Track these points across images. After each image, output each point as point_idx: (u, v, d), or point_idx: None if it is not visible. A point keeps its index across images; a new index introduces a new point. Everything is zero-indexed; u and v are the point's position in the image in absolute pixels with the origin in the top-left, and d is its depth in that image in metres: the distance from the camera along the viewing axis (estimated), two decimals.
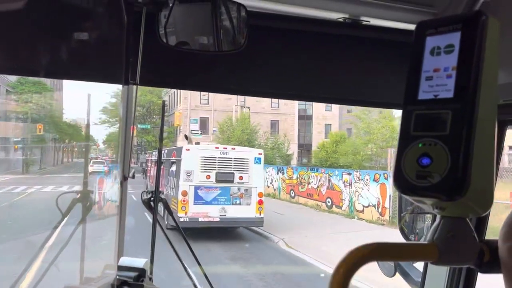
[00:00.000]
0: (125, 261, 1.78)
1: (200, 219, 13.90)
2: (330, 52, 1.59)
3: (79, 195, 2.44)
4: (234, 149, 15.15)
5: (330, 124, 40.16)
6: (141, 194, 2.32)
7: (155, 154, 22.06)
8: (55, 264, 2.18)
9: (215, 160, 14.27)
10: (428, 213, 1.40)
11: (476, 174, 0.63)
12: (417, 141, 0.67)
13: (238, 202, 14.37)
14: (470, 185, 0.62)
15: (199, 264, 2.33)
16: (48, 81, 33.22)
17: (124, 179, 1.87)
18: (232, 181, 14.29)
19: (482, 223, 1.75)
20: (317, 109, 37.74)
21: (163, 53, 1.42)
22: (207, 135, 42.36)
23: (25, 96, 26.95)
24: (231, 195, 14.32)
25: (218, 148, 14.82)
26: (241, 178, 14.38)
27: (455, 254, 0.69)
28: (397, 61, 1.21)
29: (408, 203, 2.05)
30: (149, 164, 23.04)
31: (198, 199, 14.04)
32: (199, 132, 36.42)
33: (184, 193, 13.89)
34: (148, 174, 22.86)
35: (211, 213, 14.07)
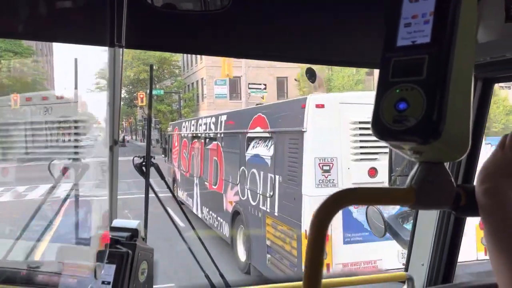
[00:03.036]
0: (118, 222, 1.77)
1: None
2: (317, 10, 1.49)
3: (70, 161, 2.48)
4: None
5: None
6: (133, 159, 2.39)
7: (184, 126, 13.50)
8: (51, 226, 2.29)
9: None
10: None
11: (452, 118, 0.63)
12: (395, 87, 0.67)
13: None
14: (445, 128, 0.63)
15: (193, 228, 2.61)
16: (33, 44, 25.37)
17: (114, 143, 1.91)
18: None
19: (470, 168, 1.85)
20: None
21: (149, 14, 1.39)
22: (239, 100, 33.14)
23: None
24: None
25: None
26: None
27: (432, 198, 0.71)
28: (378, 18, 1.03)
29: (398, 164, 2.11)
30: (175, 143, 14.61)
31: (352, 230, 5.66)
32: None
33: None
34: (175, 158, 14.57)
35: (383, 262, 5.73)
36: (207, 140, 10.64)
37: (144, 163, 2.37)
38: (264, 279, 6.89)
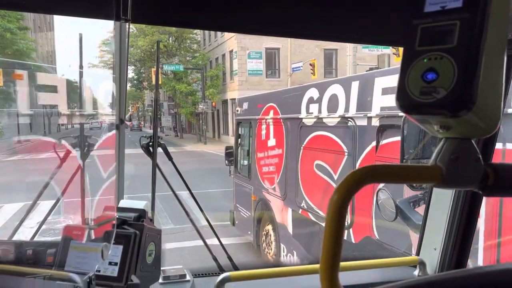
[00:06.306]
0: (125, 203, 1.75)
1: None
2: None
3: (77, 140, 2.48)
4: None
5: None
6: (140, 139, 2.44)
7: (310, 98, 5.86)
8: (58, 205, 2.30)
9: None
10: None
11: (484, 89, 0.59)
12: (422, 56, 0.63)
13: None
14: (477, 99, 0.59)
15: (201, 210, 2.67)
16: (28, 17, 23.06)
17: (120, 122, 1.89)
18: None
19: (489, 145, 1.76)
20: None
21: None
22: (277, 77, 28.68)
23: None
24: None
25: None
26: None
27: (459, 177, 0.67)
28: None
29: (411, 146, 2.10)
30: (269, 140, 7.19)
31: None
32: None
33: None
34: (270, 173, 7.11)
35: None
36: None
37: (151, 143, 2.38)
38: (273, 263, 6.92)
